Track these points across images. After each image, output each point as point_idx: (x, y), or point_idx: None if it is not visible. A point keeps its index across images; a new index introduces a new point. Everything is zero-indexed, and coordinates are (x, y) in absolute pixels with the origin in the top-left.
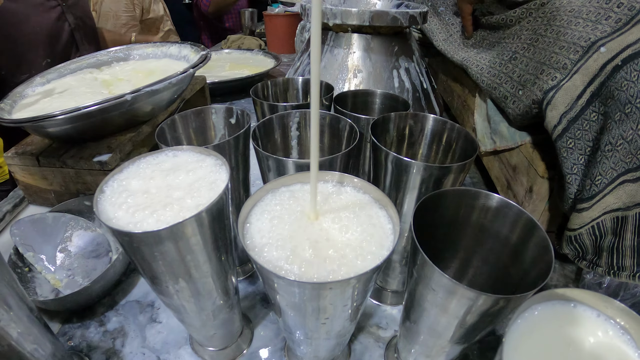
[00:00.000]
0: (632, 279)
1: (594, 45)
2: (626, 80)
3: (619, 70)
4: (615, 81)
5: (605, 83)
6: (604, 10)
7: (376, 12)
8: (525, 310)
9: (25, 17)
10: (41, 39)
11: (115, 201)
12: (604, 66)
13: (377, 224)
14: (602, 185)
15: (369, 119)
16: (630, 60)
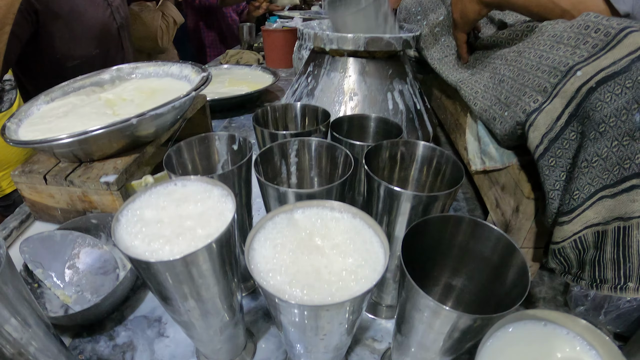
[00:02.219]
0: (614, 292)
1: (571, 70)
2: (600, 101)
3: (593, 92)
4: (590, 102)
5: (581, 104)
6: (583, 36)
7: (371, 37)
8: (498, 330)
9: (83, 10)
10: (94, 31)
11: (131, 230)
12: (580, 88)
13: (371, 249)
14: (580, 200)
15: (363, 146)
16: (604, 82)
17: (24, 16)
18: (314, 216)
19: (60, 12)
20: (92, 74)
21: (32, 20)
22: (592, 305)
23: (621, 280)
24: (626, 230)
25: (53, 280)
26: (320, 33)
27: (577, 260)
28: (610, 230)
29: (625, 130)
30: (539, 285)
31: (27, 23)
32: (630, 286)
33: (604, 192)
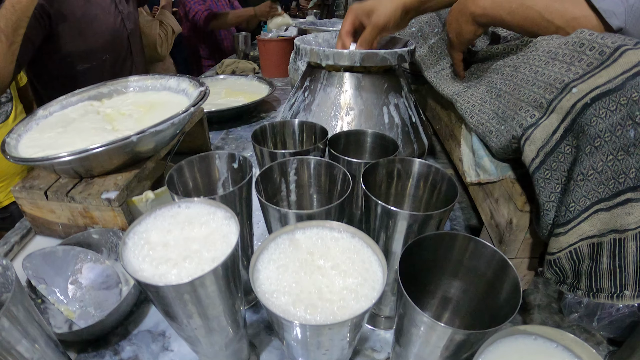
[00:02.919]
0: (611, 299)
1: (567, 87)
2: (595, 116)
3: (588, 108)
4: (585, 117)
5: (576, 119)
6: (578, 53)
7: (366, 53)
8: (491, 344)
9: (94, 16)
10: (105, 37)
11: (139, 254)
12: (575, 104)
13: (370, 268)
14: (576, 212)
15: (360, 163)
16: (599, 99)
17: (37, 19)
18: (314, 236)
19: (72, 17)
20: (89, 88)
21: (44, 24)
22: (586, 312)
23: (617, 288)
24: (622, 242)
25: (57, 296)
26: (316, 49)
27: (572, 270)
28: (606, 242)
29: (620, 145)
30: (533, 293)
31: (40, 26)
32: (626, 294)
33: (600, 205)
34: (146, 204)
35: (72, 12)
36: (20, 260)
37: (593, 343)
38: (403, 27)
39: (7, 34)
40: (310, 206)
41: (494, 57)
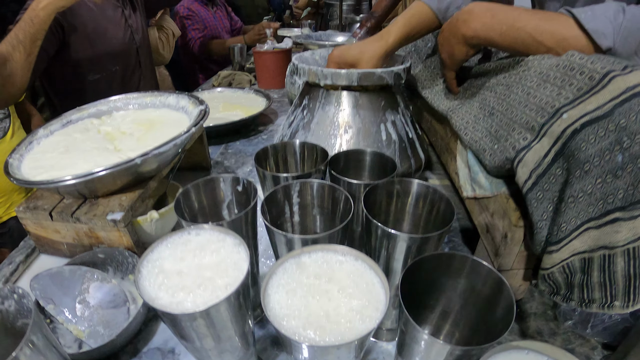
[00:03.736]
0: (602, 309)
1: (558, 112)
2: (584, 142)
3: (578, 133)
4: (575, 142)
5: (566, 144)
6: (568, 77)
7: (363, 73)
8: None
9: (105, 29)
10: (115, 49)
11: (154, 282)
12: (565, 130)
13: (373, 290)
14: (567, 231)
15: (360, 185)
16: (588, 125)
17: (52, 31)
18: (319, 259)
19: (84, 29)
20: (89, 105)
21: (58, 36)
22: (580, 319)
23: (608, 299)
24: (611, 257)
25: (65, 316)
26: (314, 69)
27: (565, 283)
28: (597, 258)
29: (608, 169)
30: (529, 301)
31: (54, 38)
32: (616, 304)
33: (590, 223)
34: (151, 224)
35: (84, 25)
36: (26, 279)
37: (588, 348)
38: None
39: (25, 46)
40: (313, 226)
41: (486, 74)
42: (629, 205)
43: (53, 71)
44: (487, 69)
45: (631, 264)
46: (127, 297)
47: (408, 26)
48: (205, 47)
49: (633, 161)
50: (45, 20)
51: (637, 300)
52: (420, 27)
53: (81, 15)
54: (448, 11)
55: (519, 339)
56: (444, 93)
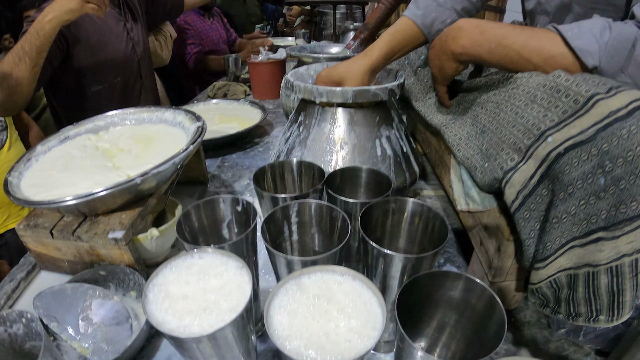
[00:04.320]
0: (588, 322)
1: (543, 135)
2: (568, 165)
3: (562, 157)
4: (559, 166)
5: (551, 166)
6: (554, 99)
7: (358, 90)
8: None
9: (108, 42)
10: (117, 61)
11: (161, 306)
12: (550, 153)
13: (371, 310)
14: (553, 250)
15: (356, 204)
16: (572, 149)
17: (56, 43)
18: (319, 280)
19: (87, 42)
20: (86, 121)
21: (62, 48)
22: (572, 327)
23: (594, 314)
24: (595, 275)
25: (68, 333)
26: (310, 87)
27: (553, 296)
28: (582, 274)
29: (591, 191)
30: (523, 310)
31: (58, 50)
32: (601, 318)
33: (574, 242)
34: (151, 241)
35: (88, 37)
36: (27, 296)
37: (582, 355)
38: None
39: (31, 57)
40: (312, 244)
41: (477, 89)
42: (611, 226)
43: (57, 81)
44: (478, 84)
45: (614, 281)
46: (129, 313)
47: (392, 42)
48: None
49: (615, 184)
50: (50, 33)
51: (621, 314)
52: (405, 42)
53: (85, 28)
54: (433, 26)
55: (513, 348)
56: (436, 107)
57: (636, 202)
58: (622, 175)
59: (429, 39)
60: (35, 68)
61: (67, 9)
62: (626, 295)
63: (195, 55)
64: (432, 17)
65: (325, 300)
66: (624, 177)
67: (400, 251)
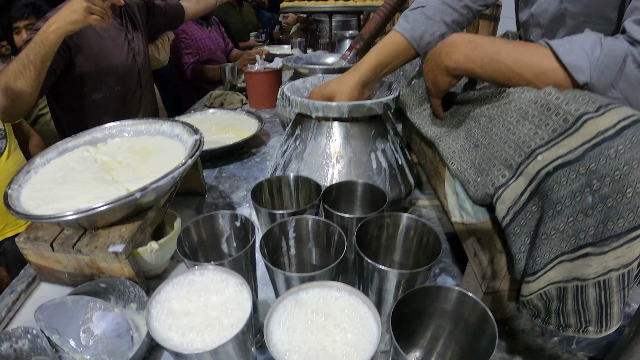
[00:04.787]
0: (578, 333)
1: (533, 153)
2: (556, 183)
3: (551, 175)
4: (548, 184)
5: (540, 184)
6: (545, 117)
7: (354, 105)
8: None
9: (109, 51)
10: (118, 70)
11: (164, 323)
12: (540, 171)
13: (366, 324)
14: (542, 264)
15: (352, 218)
16: (560, 168)
17: (59, 51)
18: (316, 296)
19: (89, 51)
20: (84, 132)
21: (65, 56)
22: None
23: (583, 325)
24: (584, 288)
25: (70, 345)
26: (306, 102)
27: (544, 308)
28: (570, 287)
29: (579, 209)
30: (518, 318)
31: (61, 58)
32: (590, 329)
33: (563, 257)
34: (151, 254)
35: (90, 46)
36: (28, 307)
37: None
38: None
39: (36, 65)
40: (309, 258)
41: (471, 102)
42: (599, 242)
43: (59, 89)
44: (471, 97)
45: (602, 294)
46: (129, 325)
47: (381, 55)
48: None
49: (603, 201)
50: (54, 42)
51: (609, 326)
52: (395, 55)
53: (87, 37)
54: (422, 39)
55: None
56: (430, 118)
57: (623, 219)
58: (610, 193)
59: (419, 52)
60: (39, 76)
61: (72, 20)
62: (614, 307)
63: (192, 65)
64: (421, 30)
65: (322, 316)
66: (612, 195)
67: (395, 264)
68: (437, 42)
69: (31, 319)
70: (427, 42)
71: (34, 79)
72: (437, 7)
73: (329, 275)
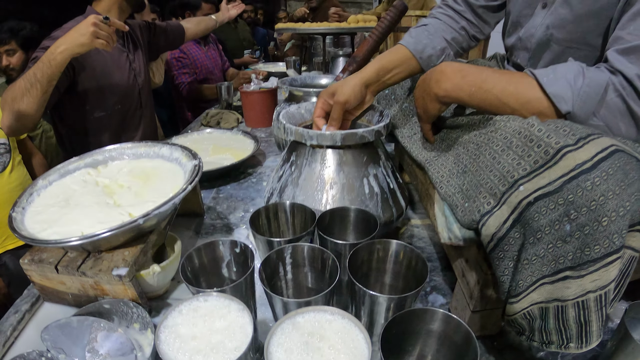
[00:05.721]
0: (560, 349)
1: (516, 183)
2: (537, 213)
3: (532, 205)
4: (530, 213)
5: (522, 213)
6: (527, 148)
7: (346, 133)
8: None
9: (111, 71)
10: (119, 89)
11: (172, 346)
12: (522, 201)
13: (358, 346)
14: (524, 287)
15: (345, 245)
16: (540, 198)
17: (64, 71)
18: (312, 319)
19: (92, 71)
20: (85, 155)
21: (69, 74)
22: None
23: (564, 341)
24: (564, 308)
25: None
26: (301, 131)
27: (528, 326)
28: (552, 307)
29: (558, 236)
30: (506, 334)
31: (65, 77)
32: (571, 346)
33: (544, 280)
34: (153, 276)
35: (93, 67)
36: (32, 327)
37: None
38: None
39: (42, 84)
40: (305, 282)
41: (460, 127)
42: (577, 266)
43: (62, 106)
44: (460, 123)
45: (581, 313)
46: (133, 345)
47: (383, 60)
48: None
49: (580, 229)
50: (62, 63)
51: (589, 342)
52: (398, 62)
53: (90, 57)
54: (424, 51)
55: None
56: (421, 142)
57: (599, 246)
58: (587, 222)
59: (421, 64)
60: (45, 95)
61: (79, 42)
62: (592, 326)
63: (188, 84)
64: (423, 44)
65: (317, 338)
66: (588, 223)
67: (386, 286)
68: (437, 55)
69: (35, 338)
70: (429, 55)
71: (40, 97)
72: (438, 26)
73: (324, 299)
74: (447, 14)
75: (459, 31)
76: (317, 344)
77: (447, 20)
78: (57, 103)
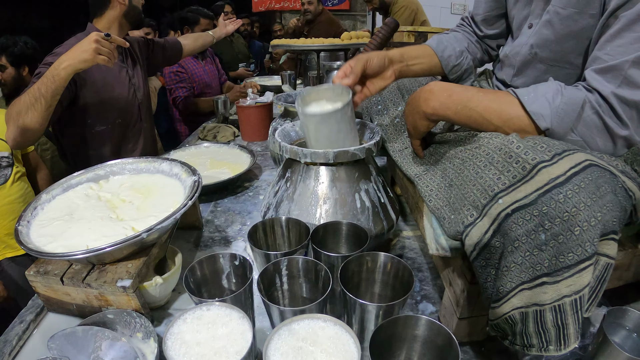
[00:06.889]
0: (540, 352)
1: (495, 197)
2: (515, 224)
3: (509, 217)
4: (508, 224)
5: (501, 224)
6: (507, 164)
7: (339, 151)
8: None
9: (112, 86)
10: (119, 104)
11: (178, 352)
12: (500, 213)
13: (349, 350)
14: (504, 292)
15: (338, 257)
16: (517, 210)
17: (66, 86)
18: (306, 326)
19: (93, 86)
20: (87, 170)
21: (72, 89)
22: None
23: (544, 344)
24: (542, 312)
25: None
26: (296, 149)
27: (510, 330)
28: (531, 312)
29: (534, 245)
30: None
31: (68, 91)
32: (551, 348)
33: (523, 285)
34: (155, 288)
35: (94, 82)
36: (37, 337)
37: None
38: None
39: (46, 99)
40: (300, 291)
41: (447, 143)
42: (553, 272)
43: (65, 120)
44: (448, 139)
45: (558, 317)
46: (137, 353)
47: (407, 48)
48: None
49: (555, 238)
50: (65, 78)
51: (568, 344)
52: (421, 52)
53: (92, 71)
54: (445, 51)
55: None
56: (411, 157)
57: (572, 254)
58: (560, 231)
59: (441, 62)
60: (49, 109)
61: (82, 59)
62: (569, 328)
63: (184, 99)
64: (444, 45)
65: (311, 343)
66: (562, 233)
67: (375, 295)
68: (456, 56)
69: (40, 347)
70: (449, 55)
71: (44, 111)
72: (457, 35)
73: (318, 308)
74: (464, 29)
75: (475, 43)
76: (311, 349)
77: (464, 33)
78: (59, 117)
